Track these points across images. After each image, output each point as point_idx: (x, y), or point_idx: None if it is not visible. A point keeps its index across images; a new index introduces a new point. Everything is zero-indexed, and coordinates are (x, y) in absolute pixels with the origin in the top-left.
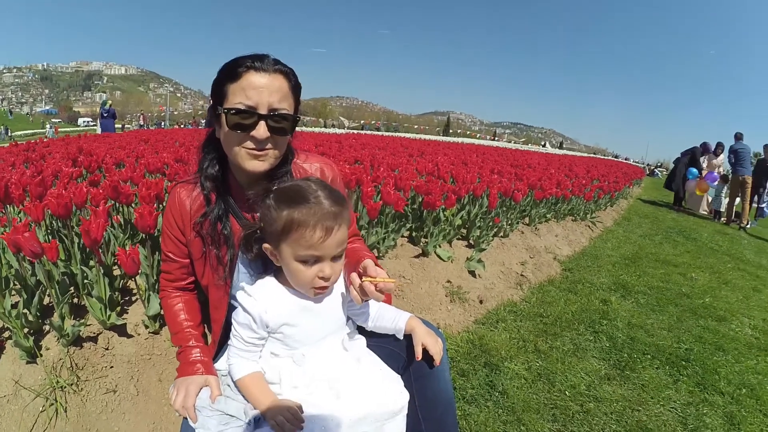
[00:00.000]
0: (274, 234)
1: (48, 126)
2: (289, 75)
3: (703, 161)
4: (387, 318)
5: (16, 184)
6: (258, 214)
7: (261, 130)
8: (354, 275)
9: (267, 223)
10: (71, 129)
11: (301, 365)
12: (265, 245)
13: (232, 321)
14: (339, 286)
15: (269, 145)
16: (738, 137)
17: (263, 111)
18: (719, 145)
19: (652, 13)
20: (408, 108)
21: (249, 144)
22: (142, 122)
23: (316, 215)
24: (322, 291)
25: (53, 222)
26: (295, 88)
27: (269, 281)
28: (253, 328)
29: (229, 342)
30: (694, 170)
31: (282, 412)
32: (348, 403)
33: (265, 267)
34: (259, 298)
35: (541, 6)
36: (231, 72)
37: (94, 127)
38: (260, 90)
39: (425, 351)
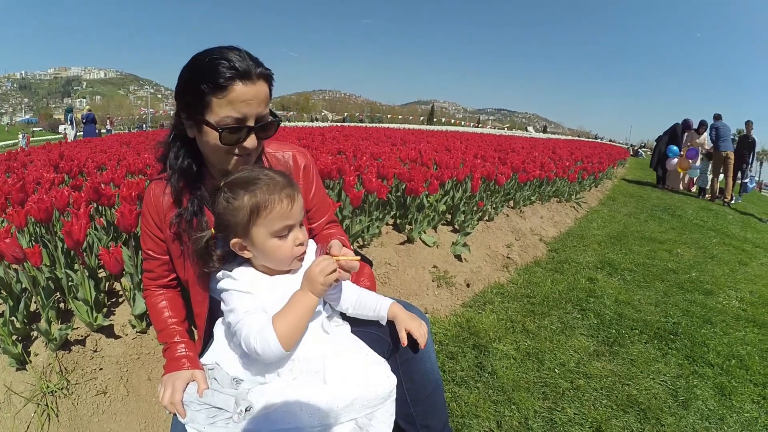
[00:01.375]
0: (242, 223)
1: (20, 136)
2: (270, 77)
3: (686, 138)
4: (368, 305)
5: None
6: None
7: (251, 142)
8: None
9: (231, 216)
10: (42, 138)
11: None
12: (233, 241)
13: (228, 320)
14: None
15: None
16: (717, 117)
17: (252, 123)
18: (702, 124)
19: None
20: (391, 98)
21: (237, 151)
22: (109, 126)
23: (277, 188)
24: (302, 259)
25: (37, 229)
26: (272, 86)
27: (248, 268)
28: (253, 296)
29: (242, 336)
30: (675, 148)
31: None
32: (335, 390)
33: (236, 257)
34: (245, 282)
35: None
36: (213, 81)
37: (60, 136)
38: (249, 102)
39: (410, 335)
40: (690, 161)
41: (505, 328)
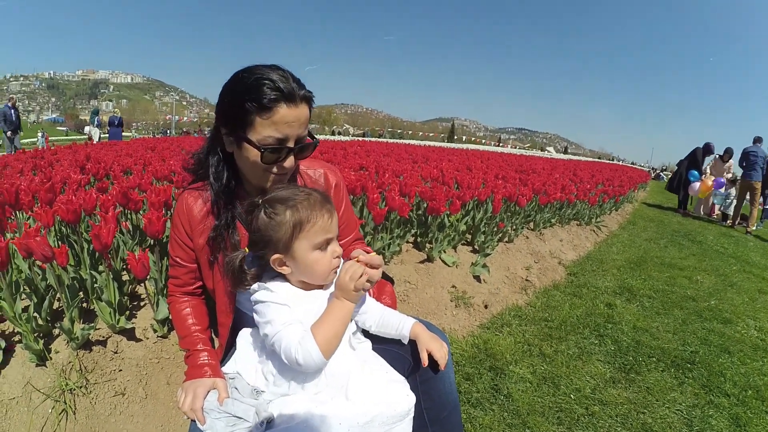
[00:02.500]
0: (283, 238)
1: (39, 134)
2: (311, 100)
3: (708, 162)
4: (391, 324)
5: (26, 191)
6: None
7: (289, 162)
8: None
9: (273, 231)
10: (68, 138)
11: None
12: (274, 257)
13: (265, 332)
14: None
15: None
16: (756, 141)
17: (292, 144)
18: (727, 151)
19: (655, 19)
20: (413, 115)
21: (275, 170)
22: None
23: (317, 203)
24: (336, 271)
25: (62, 228)
26: (312, 108)
27: (284, 283)
28: (290, 308)
29: (282, 347)
30: (696, 173)
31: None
32: (357, 406)
33: (267, 275)
34: (282, 294)
35: (545, 12)
36: (258, 101)
37: (84, 137)
38: (291, 124)
39: (430, 356)
40: (716, 189)
41: (521, 351)
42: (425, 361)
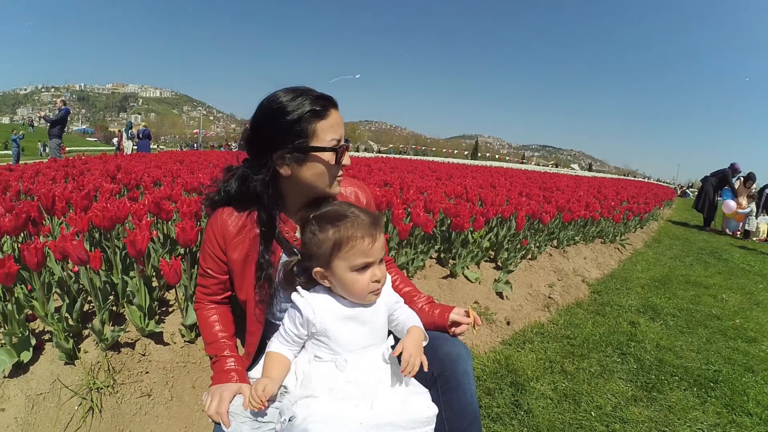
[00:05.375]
0: (324, 255)
1: (39, 145)
2: None
3: (735, 182)
4: (405, 327)
5: (60, 197)
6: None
7: (348, 159)
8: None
9: (315, 247)
10: (98, 148)
11: (343, 371)
12: (316, 269)
13: (285, 317)
14: (383, 301)
15: None
16: None
17: (343, 142)
18: (750, 176)
19: (683, 37)
20: (436, 132)
21: (339, 172)
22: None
23: (361, 227)
24: (377, 294)
25: (94, 234)
26: None
27: (321, 290)
28: (296, 324)
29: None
30: (729, 191)
31: (253, 388)
32: (378, 415)
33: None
34: (310, 301)
35: (570, 30)
36: (313, 110)
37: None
38: (341, 124)
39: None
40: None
41: (543, 368)
42: (394, 352)
